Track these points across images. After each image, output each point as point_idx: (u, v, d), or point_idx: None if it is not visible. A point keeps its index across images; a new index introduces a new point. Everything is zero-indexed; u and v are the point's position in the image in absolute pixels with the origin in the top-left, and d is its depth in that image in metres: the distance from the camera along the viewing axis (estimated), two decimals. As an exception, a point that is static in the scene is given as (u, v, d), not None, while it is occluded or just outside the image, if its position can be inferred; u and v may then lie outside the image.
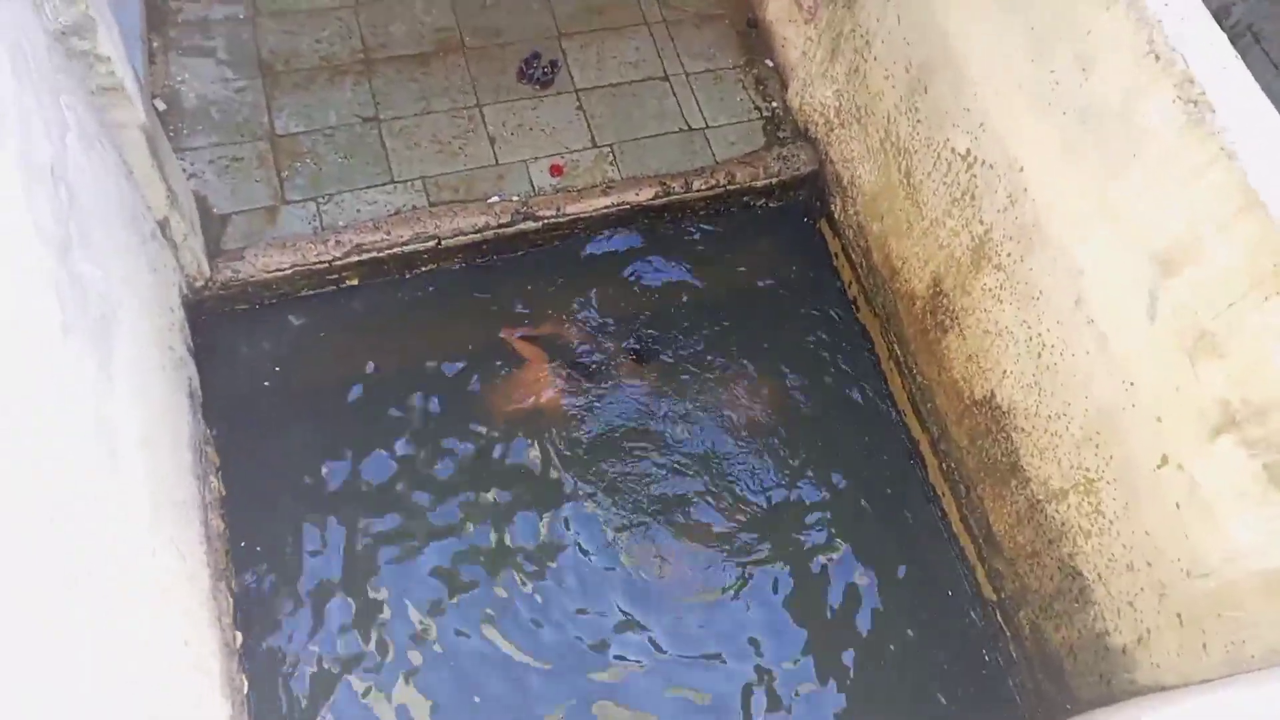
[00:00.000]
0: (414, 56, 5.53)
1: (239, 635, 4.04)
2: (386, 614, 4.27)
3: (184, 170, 4.81)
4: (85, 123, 3.44)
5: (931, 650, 4.61)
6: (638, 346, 5.03)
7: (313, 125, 5.18)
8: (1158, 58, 3.16)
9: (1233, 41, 3.19)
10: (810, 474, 4.91)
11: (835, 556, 4.73)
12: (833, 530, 4.79)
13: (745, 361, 5.15)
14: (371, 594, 4.29)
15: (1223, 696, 3.20)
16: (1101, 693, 4.05)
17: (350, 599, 4.27)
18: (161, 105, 5.04)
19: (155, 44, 5.24)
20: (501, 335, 4.96)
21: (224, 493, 4.34)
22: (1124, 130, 3.36)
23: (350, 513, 4.45)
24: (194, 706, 3.42)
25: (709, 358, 5.13)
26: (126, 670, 2.84)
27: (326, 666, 4.13)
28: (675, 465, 4.82)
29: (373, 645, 4.19)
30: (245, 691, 3.95)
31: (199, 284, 4.58)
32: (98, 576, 2.74)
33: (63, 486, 2.60)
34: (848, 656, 4.52)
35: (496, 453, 4.70)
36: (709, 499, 4.77)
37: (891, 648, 4.56)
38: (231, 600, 4.08)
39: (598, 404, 4.89)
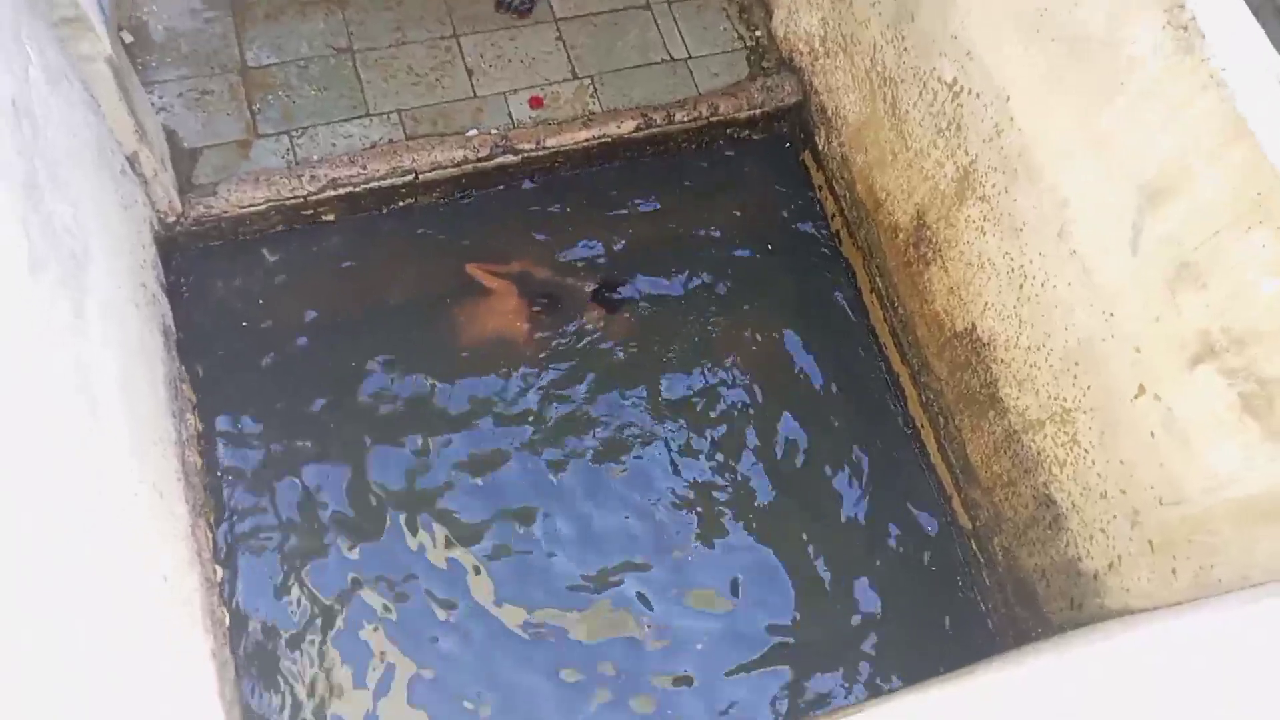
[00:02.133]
0: (388, -16, 5.36)
1: (219, 570, 4.07)
2: (366, 546, 4.30)
3: (153, 104, 4.69)
4: (49, 56, 3.34)
5: (907, 577, 4.70)
6: (606, 294, 4.96)
7: (285, 57, 5.04)
8: (1147, -18, 3.11)
9: (1223, -35, 3.13)
10: (790, 407, 4.93)
11: (813, 487, 4.79)
12: (811, 461, 4.83)
13: (725, 297, 5.13)
14: (350, 527, 4.33)
15: (1191, 620, 3.29)
16: (1072, 617, 4.14)
17: (329, 532, 4.30)
18: (128, 37, 4.88)
19: (118, -29, 5.06)
20: (468, 269, 4.91)
21: (200, 429, 4.33)
22: (1112, 58, 3.31)
23: (326, 446, 4.46)
24: (176, 642, 3.46)
25: (687, 293, 5.10)
26: (107, 611, 2.85)
27: (307, 599, 4.17)
28: (646, 406, 4.81)
29: (352, 576, 4.24)
30: (226, 625, 3.99)
31: (170, 220, 4.50)
32: (78, 520, 2.74)
33: (40, 429, 2.57)
34: (823, 585, 4.60)
35: (468, 385, 4.69)
36: (681, 437, 4.78)
37: (867, 576, 4.64)
38: (211, 535, 4.10)
39: (566, 340, 4.87)
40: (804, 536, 4.68)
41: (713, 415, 4.85)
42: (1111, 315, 3.58)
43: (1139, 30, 3.18)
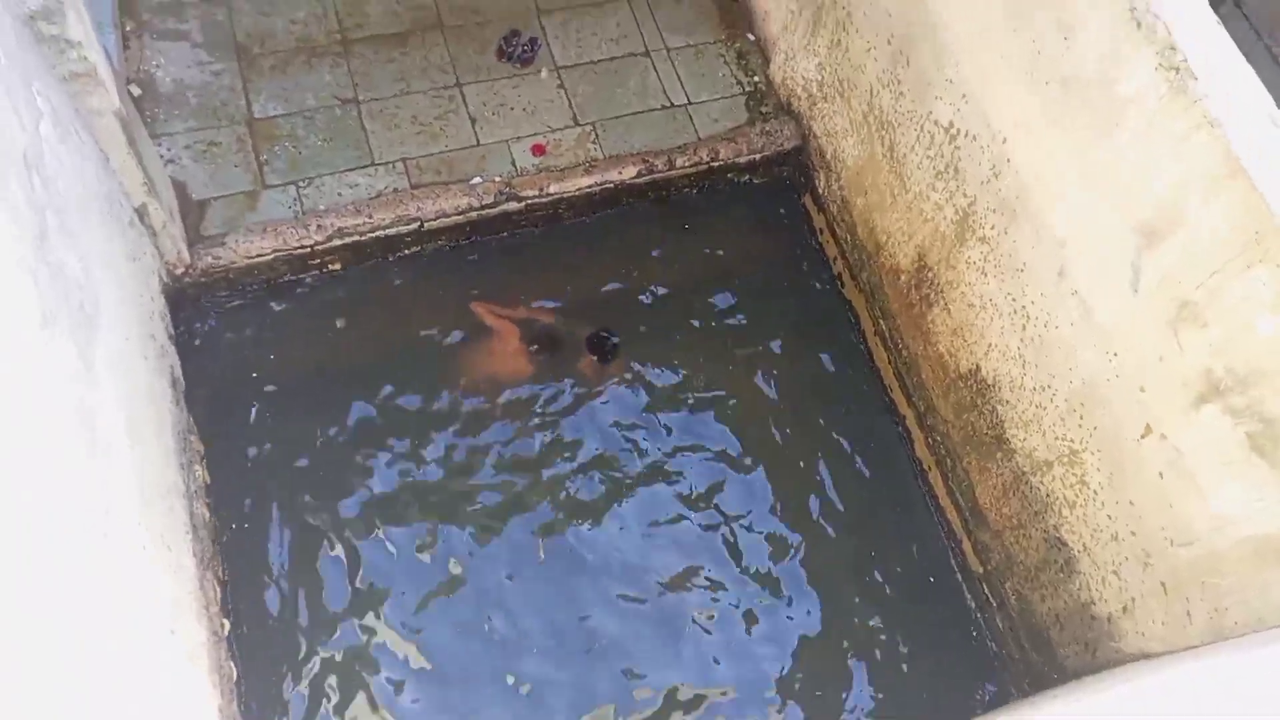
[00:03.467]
0: (391, 36, 5.46)
1: (227, 623, 4.04)
2: (375, 595, 4.27)
3: (161, 156, 4.75)
4: (59, 110, 3.39)
5: (919, 622, 4.64)
6: (600, 343, 4.94)
7: (291, 108, 5.12)
8: (1139, 25, 3.15)
9: (1214, 7, 3.18)
10: (794, 452, 4.91)
11: (819, 531, 4.75)
12: (818, 506, 4.80)
13: (727, 341, 5.13)
14: (360, 576, 4.30)
15: (1207, 664, 3.24)
16: (1087, 662, 4.09)
17: (338, 582, 4.27)
18: (137, 90, 4.97)
19: (129, 28, 5.16)
20: (473, 306, 4.94)
21: (209, 481, 4.32)
22: (1106, 99, 3.35)
23: (335, 495, 4.44)
24: (184, 697, 3.42)
25: (689, 338, 5.10)
26: (114, 664, 2.83)
27: (316, 650, 4.14)
28: (646, 450, 4.80)
29: (362, 627, 4.20)
30: (235, 679, 3.95)
31: (179, 271, 4.54)
32: (84, 574, 2.73)
33: (47, 482, 2.57)
34: (833, 628, 4.55)
35: (475, 431, 4.69)
36: (682, 481, 4.76)
37: (878, 620, 4.60)
38: (219, 588, 4.07)
39: (565, 383, 4.88)
40: (809, 581, 4.63)
41: (714, 461, 4.83)
42: (1115, 355, 3.58)
43: (1132, 72, 3.22)
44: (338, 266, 4.96)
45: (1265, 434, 3.02)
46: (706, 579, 4.57)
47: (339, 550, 4.34)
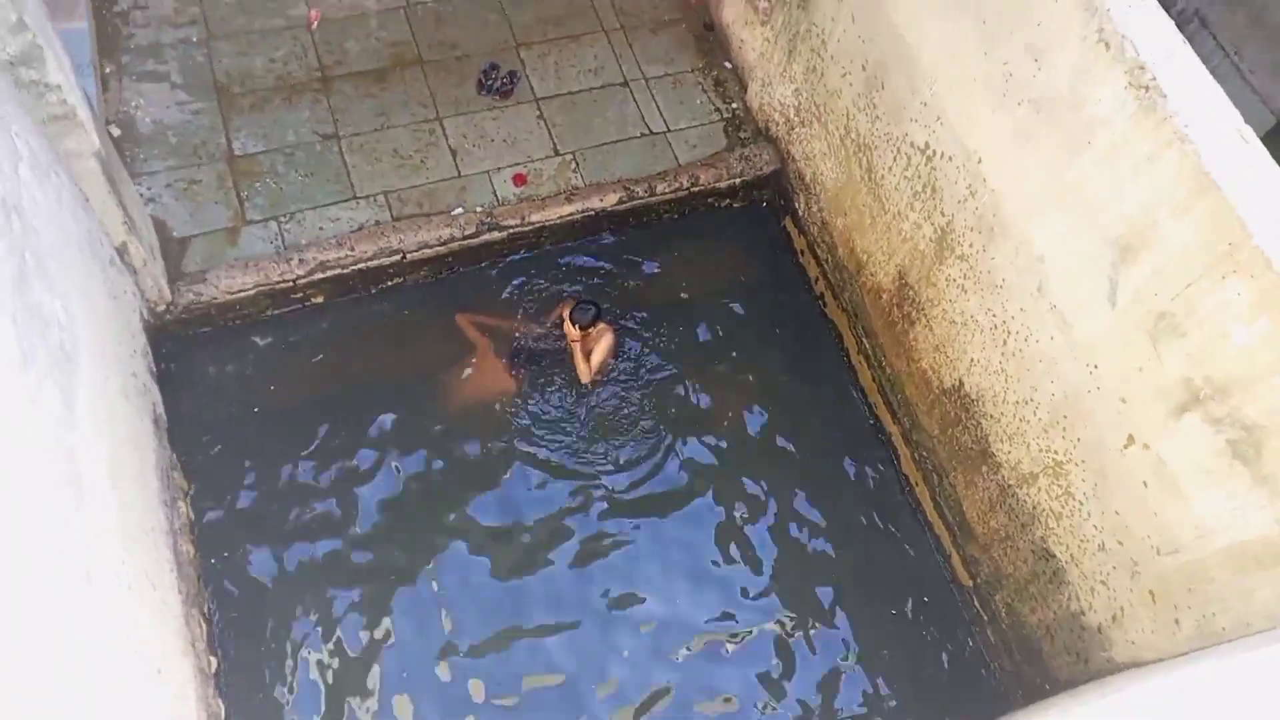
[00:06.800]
0: (371, 72, 5.50)
1: (214, 660, 4.00)
2: (360, 628, 4.24)
3: (141, 195, 4.76)
4: (38, 152, 3.39)
5: (910, 637, 4.64)
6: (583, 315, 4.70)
7: (271, 145, 5.14)
8: (1108, 46, 3.21)
9: (1180, 28, 3.25)
10: (782, 472, 4.92)
11: (810, 549, 4.75)
12: (808, 523, 4.81)
13: (712, 365, 5.15)
14: (344, 609, 4.27)
15: (1198, 669, 3.25)
16: (1080, 671, 4.09)
17: (324, 616, 4.24)
18: (116, 131, 4.97)
19: (108, 69, 5.17)
20: (457, 319, 4.95)
21: (193, 518, 4.29)
22: (1077, 118, 3.41)
23: (319, 529, 4.42)
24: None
25: (674, 362, 5.12)
26: (101, 706, 2.79)
27: (302, 684, 4.09)
28: (627, 472, 4.82)
29: (348, 660, 4.16)
30: (223, 716, 3.90)
31: (160, 309, 4.53)
32: (67, 616, 2.70)
33: (28, 523, 2.55)
34: (825, 646, 4.54)
35: (460, 457, 4.69)
36: (670, 500, 4.76)
37: (869, 636, 4.59)
38: (205, 625, 4.03)
39: (548, 401, 4.89)
40: (799, 599, 4.63)
41: (702, 483, 4.83)
42: (1095, 367, 3.61)
43: (1102, 91, 3.28)
44: (320, 300, 4.95)
45: (1246, 441, 3.06)
46: (692, 600, 4.56)
47: (326, 584, 4.30)
